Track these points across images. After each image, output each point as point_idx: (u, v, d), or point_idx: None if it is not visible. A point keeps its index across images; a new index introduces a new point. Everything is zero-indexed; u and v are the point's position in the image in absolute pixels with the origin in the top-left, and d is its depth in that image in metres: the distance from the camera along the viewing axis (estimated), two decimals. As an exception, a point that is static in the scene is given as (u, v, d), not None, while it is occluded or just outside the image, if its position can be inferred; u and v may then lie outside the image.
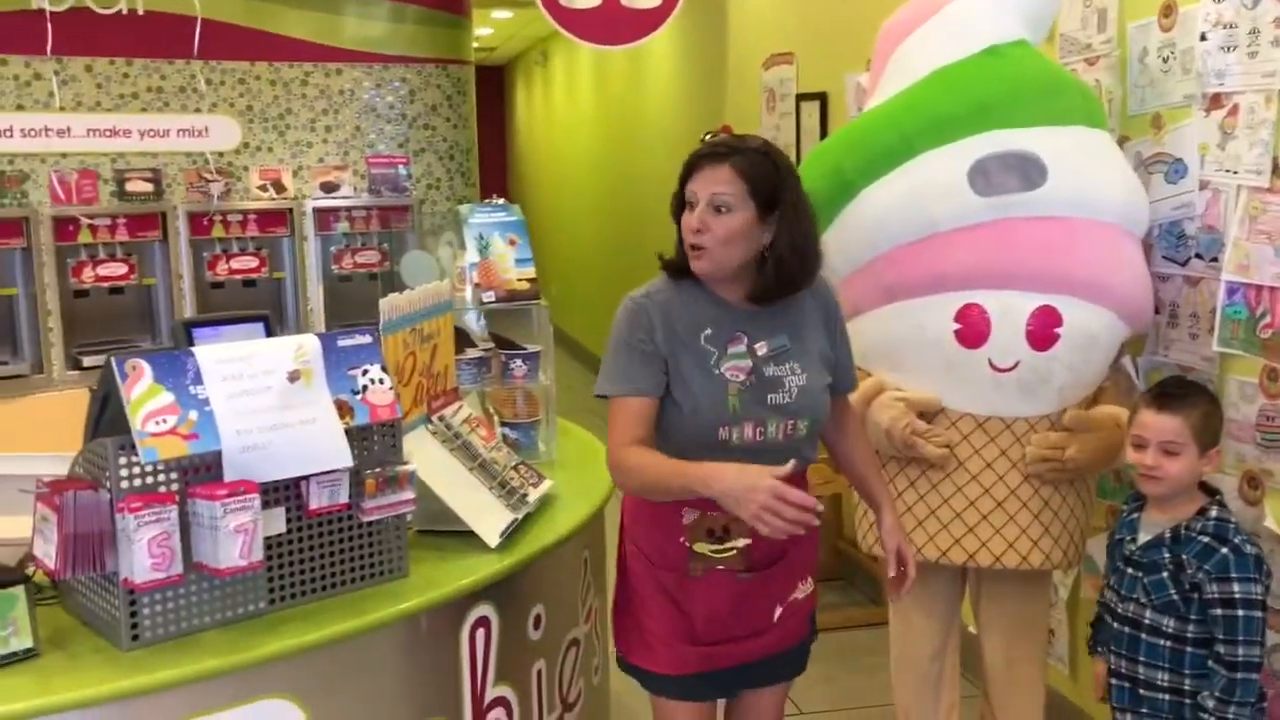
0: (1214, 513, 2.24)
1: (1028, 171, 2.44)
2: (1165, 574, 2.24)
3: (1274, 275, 2.39)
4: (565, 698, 2.52)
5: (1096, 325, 2.48)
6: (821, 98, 4.74)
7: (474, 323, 3.11)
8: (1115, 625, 2.34)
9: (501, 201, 3.16)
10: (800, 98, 4.98)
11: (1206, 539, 2.21)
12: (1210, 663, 2.19)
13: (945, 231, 2.47)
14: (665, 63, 7.26)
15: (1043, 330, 2.43)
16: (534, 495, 2.54)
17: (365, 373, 2.08)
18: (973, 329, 2.45)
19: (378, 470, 2.06)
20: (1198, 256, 2.62)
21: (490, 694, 2.23)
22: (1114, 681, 2.35)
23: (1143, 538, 2.31)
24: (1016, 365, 2.45)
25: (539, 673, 2.39)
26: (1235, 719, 2.16)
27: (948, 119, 2.51)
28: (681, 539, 2.12)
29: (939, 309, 2.47)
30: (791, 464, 1.90)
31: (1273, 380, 2.43)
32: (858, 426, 2.36)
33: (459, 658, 2.17)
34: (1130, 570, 2.31)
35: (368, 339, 2.10)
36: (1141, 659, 2.28)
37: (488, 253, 2.99)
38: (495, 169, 13.93)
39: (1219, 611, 2.17)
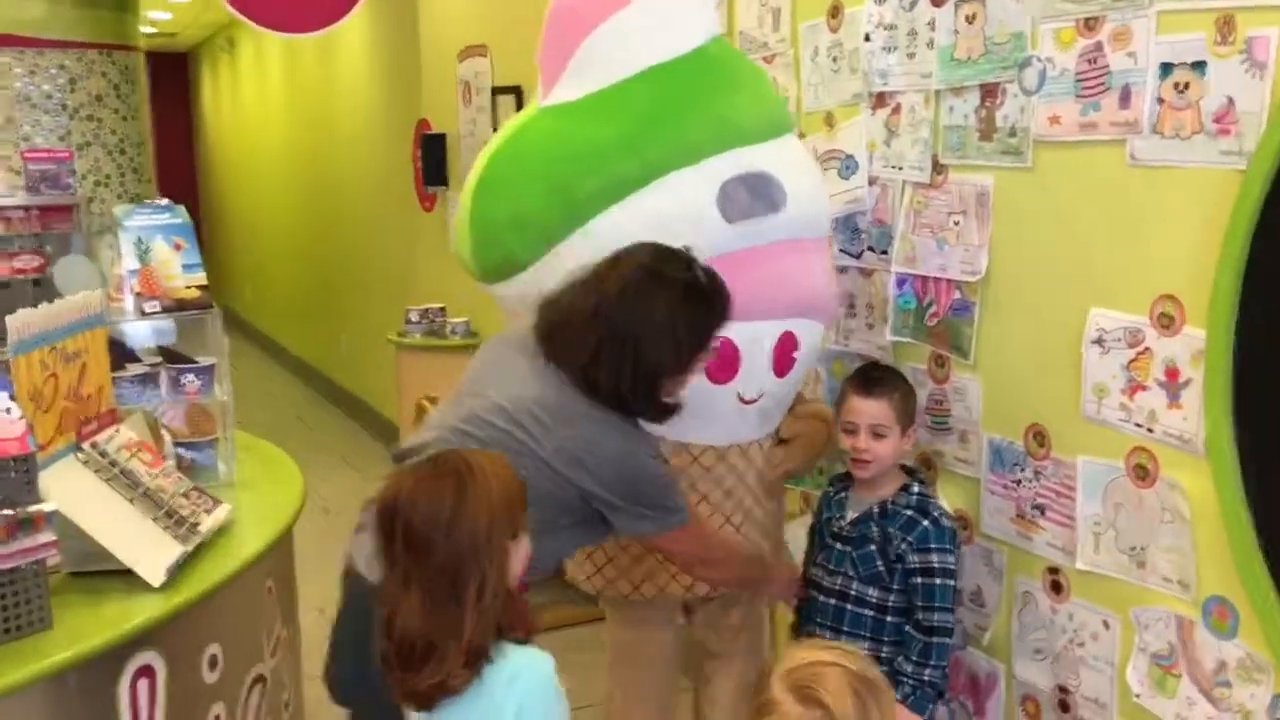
0: (916, 489, 2.37)
1: (770, 193, 2.34)
2: (873, 546, 2.35)
3: (938, 267, 2.51)
4: (251, 740, 2.33)
5: (819, 340, 2.52)
6: (517, 91, 4.67)
7: (141, 335, 2.84)
8: (821, 599, 2.43)
9: (165, 202, 2.89)
10: (496, 91, 4.89)
11: (910, 512, 2.34)
12: (908, 629, 2.32)
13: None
14: (357, 53, 6.99)
15: (784, 357, 2.41)
16: (207, 524, 2.33)
17: (-12, 402, 1.82)
18: (723, 364, 2.34)
19: (7, 513, 1.81)
20: (870, 249, 2.72)
21: (159, 748, 2.02)
22: None
23: (851, 515, 2.41)
24: (761, 395, 2.42)
25: (217, 718, 2.19)
26: (929, 679, 2.29)
27: (693, 143, 2.33)
28: None
29: None
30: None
31: (940, 366, 2.56)
32: None
33: (118, 713, 1.94)
34: (840, 546, 2.41)
35: (-11, 363, 1.84)
36: (845, 629, 2.38)
37: (148, 258, 2.72)
38: (181, 162, 13.08)
39: (919, 580, 2.30)
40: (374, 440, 6.82)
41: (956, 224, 2.46)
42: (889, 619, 2.35)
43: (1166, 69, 1.96)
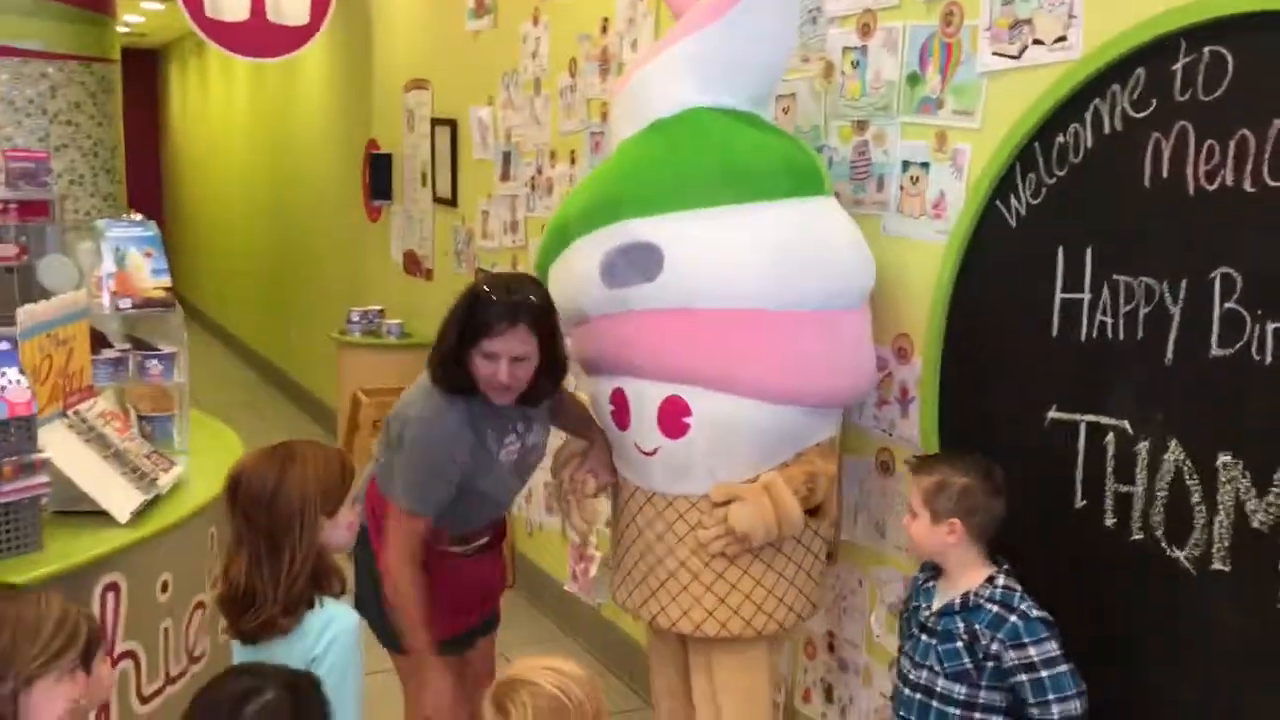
0: (1000, 581, 2.23)
1: (646, 264, 2.46)
2: (959, 643, 2.22)
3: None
4: (191, 652, 2.91)
5: (730, 412, 2.46)
6: (452, 124, 5.26)
7: (112, 325, 3.42)
8: (906, 691, 2.31)
9: (139, 217, 3.48)
10: (434, 122, 5.47)
11: (995, 608, 2.20)
12: None
13: (593, 319, 2.61)
14: (316, 75, 7.52)
15: (672, 419, 2.49)
16: (165, 479, 2.92)
17: (3, 374, 2.41)
18: (620, 413, 2.58)
19: (14, 458, 2.40)
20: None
21: (120, 648, 2.61)
22: None
23: (936, 604, 2.30)
24: (657, 450, 2.53)
25: (166, 630, 2.78)
26: None
27: (592, 210, 2.59)
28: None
29: (602, 387, 2.63)
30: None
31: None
32: (569, 403, 2.85)
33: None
34: (925, 637, 2.29)
35: (5, 345, 2.44)
36: None
37: (124, 264, 3.31)
38: (147, 157, 13.52)
39: (1024, 678, 2.16)
40: (315, 426, 7.37)
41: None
42: (977, 715, 2.21)
43: (906, 165, 2.63)
